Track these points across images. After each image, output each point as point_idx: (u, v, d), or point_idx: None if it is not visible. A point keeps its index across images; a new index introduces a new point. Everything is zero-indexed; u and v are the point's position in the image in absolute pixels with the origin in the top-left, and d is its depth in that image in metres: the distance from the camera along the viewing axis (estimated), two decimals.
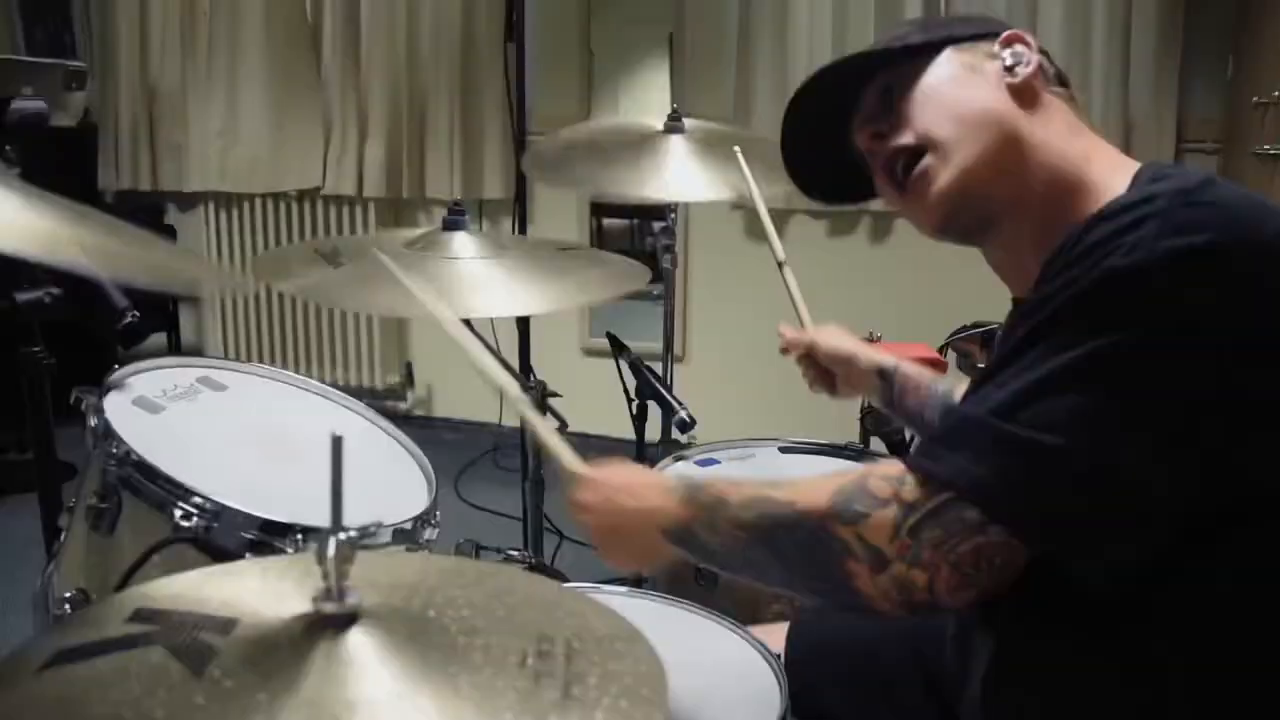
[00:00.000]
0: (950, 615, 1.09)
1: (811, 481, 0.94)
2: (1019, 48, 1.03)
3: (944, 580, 0.86)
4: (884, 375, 1.48)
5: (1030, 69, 1.02)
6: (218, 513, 1.22)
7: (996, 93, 1.01)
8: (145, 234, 1.09)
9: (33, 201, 0.95)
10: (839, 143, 1.11)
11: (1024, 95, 1.01)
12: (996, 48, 1.04)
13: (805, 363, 1.56)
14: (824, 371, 1.54)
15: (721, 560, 1.00)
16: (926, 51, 1.04)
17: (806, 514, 0.92)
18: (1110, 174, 0.96)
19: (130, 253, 1.03)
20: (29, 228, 0.92)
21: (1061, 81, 1.06)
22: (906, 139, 1.03)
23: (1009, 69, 1.02)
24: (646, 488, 1.04)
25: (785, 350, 1.57)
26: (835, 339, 1.53)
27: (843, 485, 0.91)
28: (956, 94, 1.02)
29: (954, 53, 1.04)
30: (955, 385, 1.42)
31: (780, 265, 1.60)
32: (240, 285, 2.95)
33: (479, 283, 1.52)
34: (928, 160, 1.01)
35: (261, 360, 4.04)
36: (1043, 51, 1.05)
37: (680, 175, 2.00)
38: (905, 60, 1.04)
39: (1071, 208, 0.95)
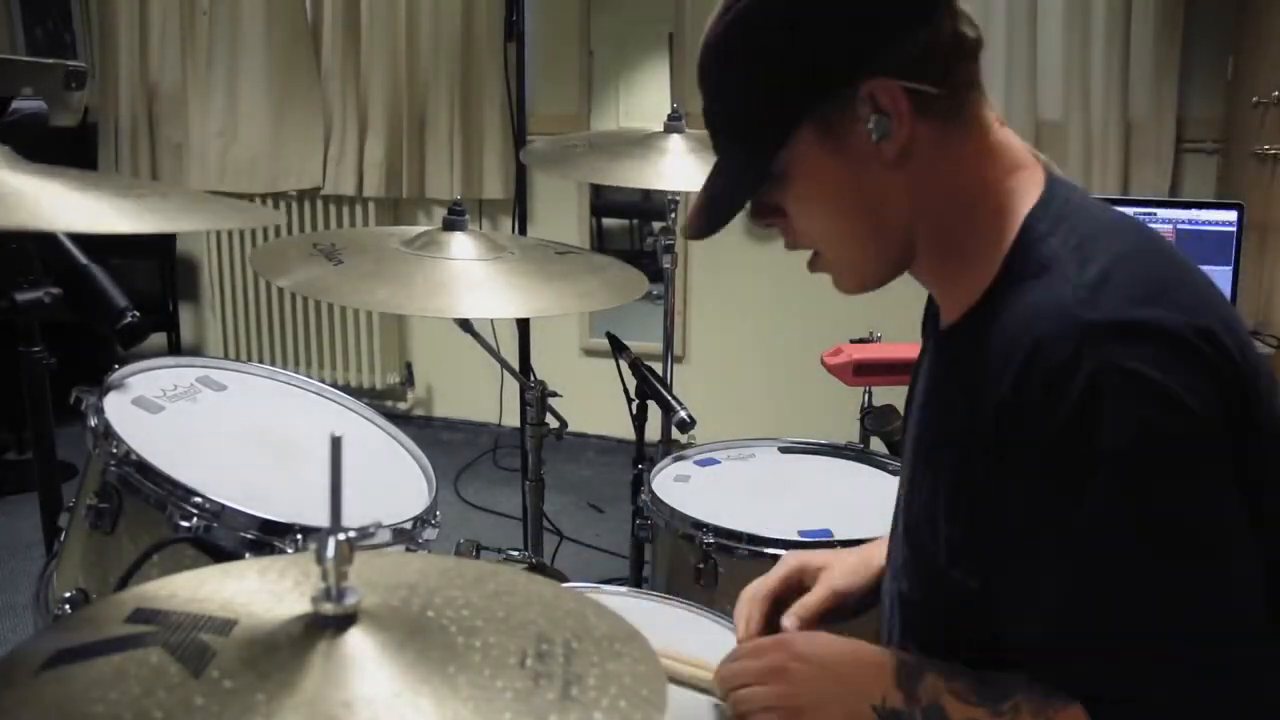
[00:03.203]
0: None
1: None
2: (881, 102, 0.88)
3: None
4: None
5: (903, 130, 0.88)
6: (217, 513, 1.22)
7: (868, 175, 0.92)
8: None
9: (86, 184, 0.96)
10: None
11: (900, 159, 0.90)
12: (858, 107, 0.88)
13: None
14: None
15: None
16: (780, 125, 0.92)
17: None
18: (1006, 181, 0.92)
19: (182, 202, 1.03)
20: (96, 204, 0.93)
21: (955, 48, 0.88)
22: (795, 244, 1.02)
23: (877, 142, 0.89)
24: (857, 667, 0.96)
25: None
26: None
27: None
28: (826, 199, 0.95)
29: (811, 131, 0.91)
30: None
31: None
32: (273, 218, 2.98)
33: (477, 283, 1.53)
34: (822, 265, 1.02)
35: (261, 360, 4.04)
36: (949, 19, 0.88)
37: (680, 170, 2.00)
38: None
39: (977, 227, 0.93)
